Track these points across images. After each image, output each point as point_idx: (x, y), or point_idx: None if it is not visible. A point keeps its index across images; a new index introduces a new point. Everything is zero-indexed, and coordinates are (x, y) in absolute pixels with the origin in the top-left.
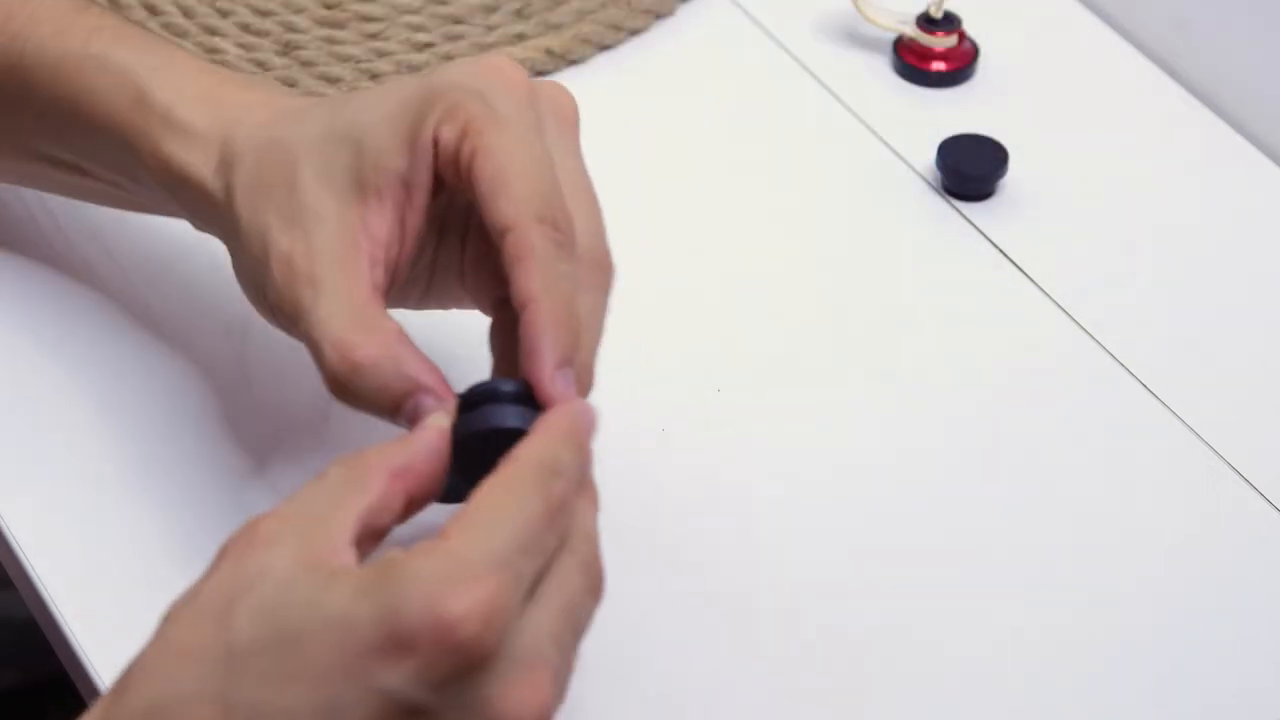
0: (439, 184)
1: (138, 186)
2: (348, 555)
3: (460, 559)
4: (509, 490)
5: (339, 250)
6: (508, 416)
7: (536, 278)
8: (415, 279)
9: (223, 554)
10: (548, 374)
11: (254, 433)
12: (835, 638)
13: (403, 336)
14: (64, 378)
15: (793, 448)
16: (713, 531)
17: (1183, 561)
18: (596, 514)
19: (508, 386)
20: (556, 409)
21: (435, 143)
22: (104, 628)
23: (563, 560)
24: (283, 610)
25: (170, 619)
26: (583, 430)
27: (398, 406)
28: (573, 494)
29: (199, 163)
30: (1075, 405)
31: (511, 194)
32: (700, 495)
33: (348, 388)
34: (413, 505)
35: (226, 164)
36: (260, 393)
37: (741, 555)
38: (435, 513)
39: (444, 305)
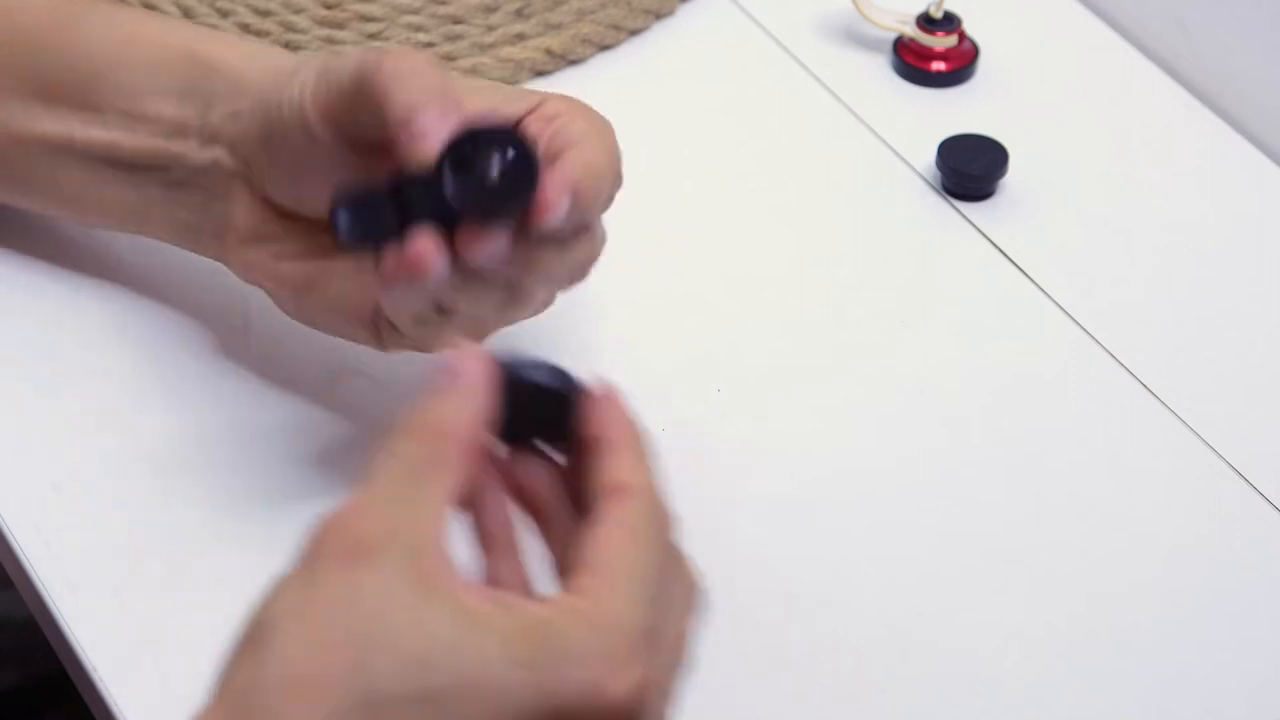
0: None
1: (165, 107)
2: (451, 566)
3: (613, 628)
4: (635, 539)
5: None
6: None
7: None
8: None
9: (319, 558)
10: None
11: (256, 430)
12: (836, 638)
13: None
14: (64, 377)
15: (793, 447)
16: (713, 532)
17: (1183, 561)
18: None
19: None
20: (614, 426)
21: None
22: (104, 628)
23: (674, 578)
24: (430, 663)
25: (282, 631)
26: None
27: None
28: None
29: (269, 55)
30: (1075, 405)
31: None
32: (700, 495)
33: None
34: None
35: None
36: (264, 389)
37: (741, 555)
38: None
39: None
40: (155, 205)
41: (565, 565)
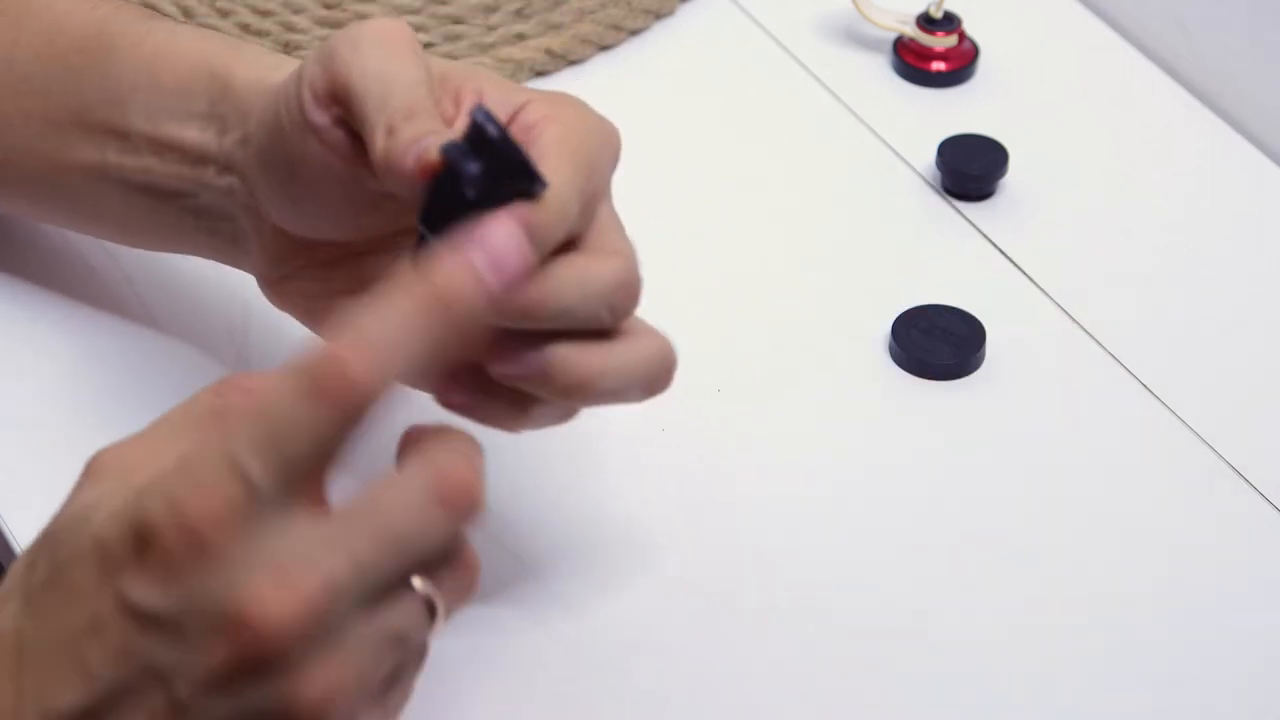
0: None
1: (187, 132)
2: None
3: (193, 462)
4: (278, 372)
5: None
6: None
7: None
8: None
9: (74, 486)
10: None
11: None
12: (836, 638)
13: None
14: (65, 377)
15: (793, 448)
16: (712, 531)
17: (1183, 562)
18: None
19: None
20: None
21: (519, 110)
22: None
23: (404, 464)
24: (62, 542)
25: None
26: (449, 288)
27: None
28: (378, 369)
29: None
30: (1074, 405)
31: (570, 149)
32: (700, 495)
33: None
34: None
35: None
36: None
37: (742, 555)
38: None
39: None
40: (192, 232)
41: None
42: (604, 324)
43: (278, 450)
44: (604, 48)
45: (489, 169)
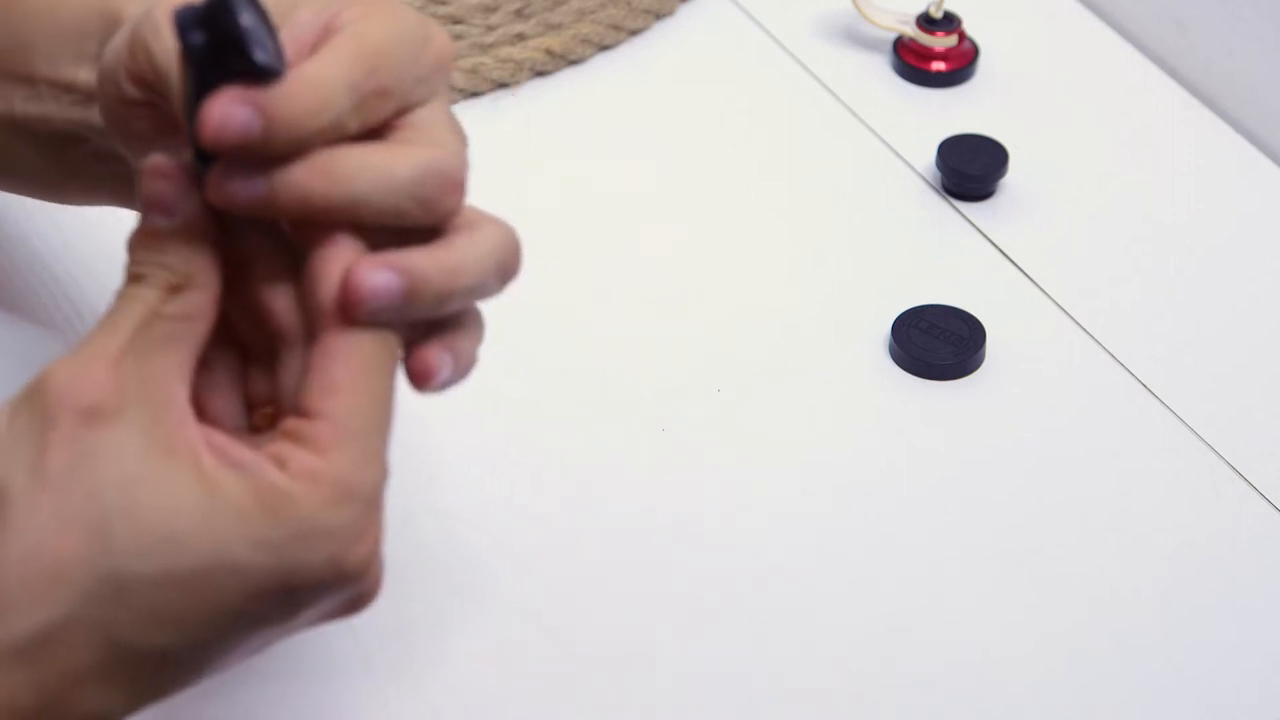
0: None
1: (87, 73)
2: (193, 423)
3: (353, 497)
4: (373, 384)
5: None
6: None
7: None
8: None
9: (47, 419)
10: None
11: None
12: (836, 638)
13: None
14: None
15: (793, 447)
16: (712, 531)
17: (1183, 562)
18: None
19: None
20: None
21: (332, 19)
22: None
23: None
24: (174, 541)
25: (19, 505)
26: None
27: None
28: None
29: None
30: (1074, 405)
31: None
32: (700, 495)
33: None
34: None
35: None
36: None
37: (742, 555)
38: None
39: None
40: (101, 180)
41: (289, 378)
42: (415, 218)
43: None
44: (604, 48)
45: (213, 40)
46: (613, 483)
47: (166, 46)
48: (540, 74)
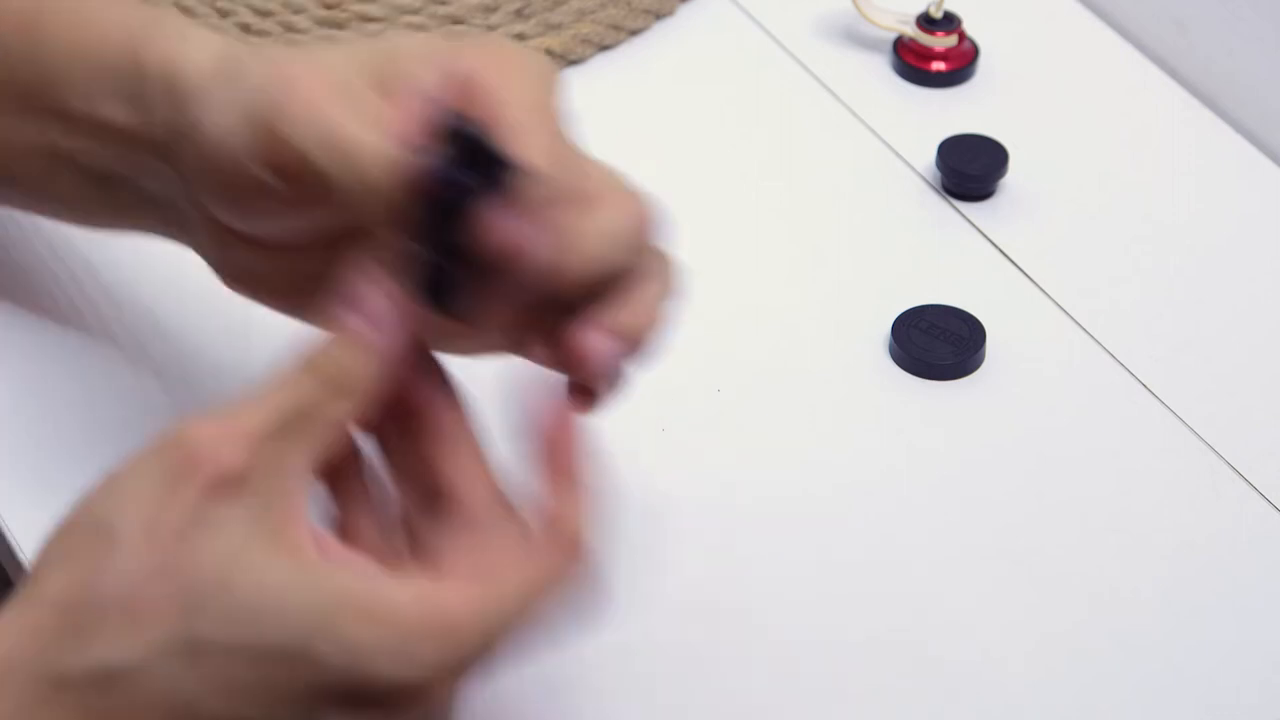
0: None
1: (119, 113)
2: (306, 532)
3: (457, 646)
4: (535, 590)
5: (365, 91)
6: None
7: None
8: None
9: (179, 478)
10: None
11: None
12: (836, 639)
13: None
14: (65, 378)
15: (793, 447)
16: (712, 531)
17: (1183, 562)
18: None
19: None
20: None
21: (460, 77)
22: None
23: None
24: (257, 621)
25: (126, 545)
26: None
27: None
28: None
29: (198, 57)
30: (1074, 405)
31: (536, 120)
32: (700, 495)
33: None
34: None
35: (232, 49)
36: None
37: (742, 555)
38: None
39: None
40: (144, 215)
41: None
42: (633, 266)
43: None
44: (604, 48)
45: (469, 170)
46: (613, 483)
47: (317, 134)
48: None
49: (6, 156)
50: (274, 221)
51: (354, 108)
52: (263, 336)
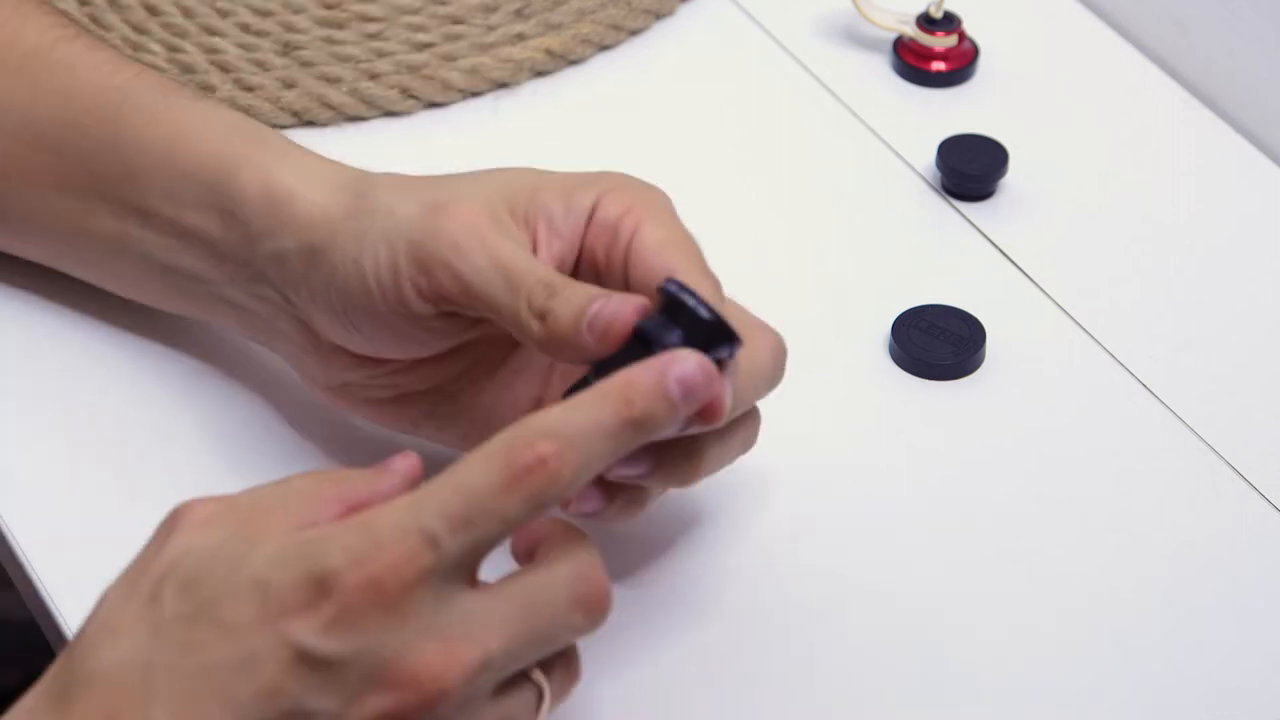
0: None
1: (204, 224)
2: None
3: (380, 525)
4: (478, 452)
5: (505, 218)
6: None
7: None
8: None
9: (165, 530)
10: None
11: (257, 434)
12: (837, 638)
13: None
14: (65, 378)
15: (793, 447)
16: (712, 531)
17: (1183, 562)
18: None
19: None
20: (641, 371)
21: (592, 211)
22: None
23: (552, 561)
24: (205, 579)
25: (106, 600)
26: (648, 398)
27: (584, 311)
28: (571, 466)
29: (311, 185)
30: (1074, 405)
31: (684, 253)
32: (700, 495)
33: (544, 308)
34: None
35: (360, 179)
36: (264, 393)
37: (741, 555)
38: None
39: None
40: (218, 314)
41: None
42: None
43: (471, 529)
44: (604, 48)
45: (691, 340)
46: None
47: (474, 262)
48: (540, 74)
49: (76, 234)
50: (398, 345)
51: (515, 239)
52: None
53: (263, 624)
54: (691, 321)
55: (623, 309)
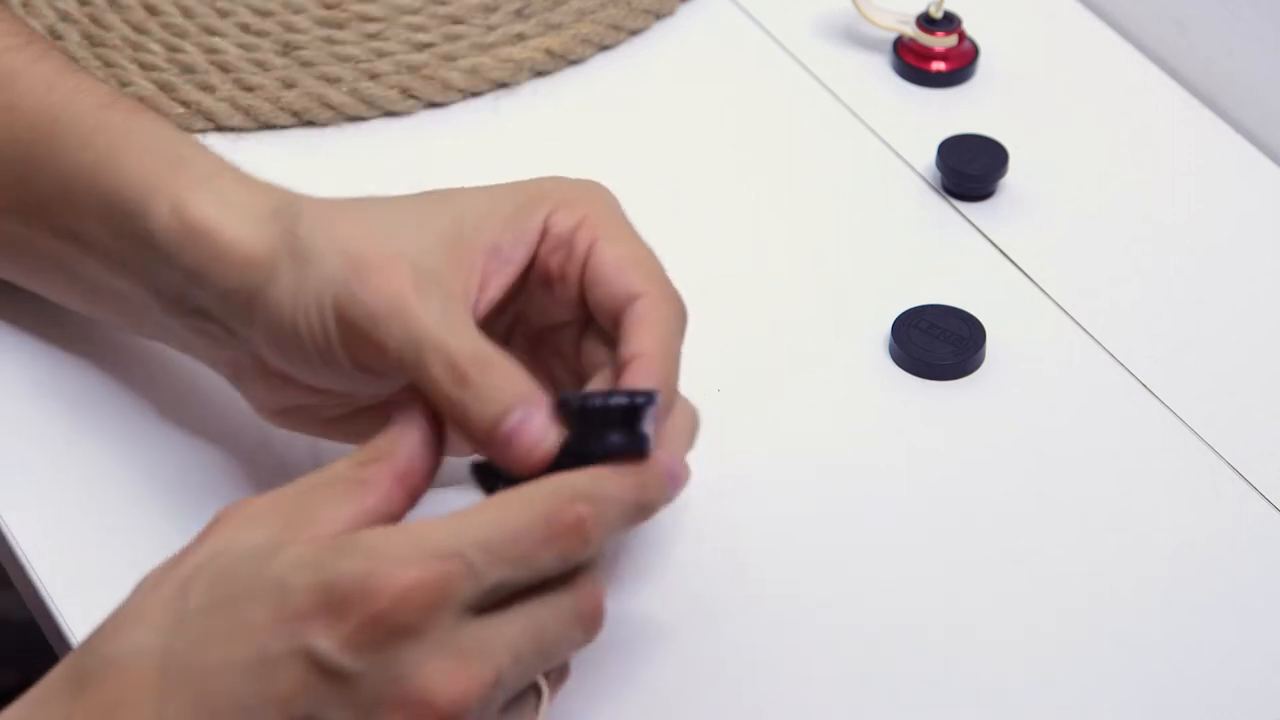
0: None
1: (131, 253)
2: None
3: (415, 539)
4: (519, 496)
5: (441, 268)
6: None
7: (657, 338)
8: None
9: (210, 527)
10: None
11: (257, 435)
12: (837, 638)
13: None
14: (65, 379)
15: (793, 448)
16: (712, 531)
17: (1183, 562)
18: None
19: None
20: (653, 460)
21: (544, 230)
22: None
23: (557, 589)
24: (231, 577)
25: (139, 588)
26: (657, 485)
27: (499, 421)
28: (599, 531)
29: (233, 216)
30: (1074, 405)
31: (643, 271)
32: (699, 496)
33: (455, 398)
34: (414, 499)
35: (284, 213)
36: None
37: (741, 555)
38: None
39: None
40: (169, 341)
41: None
42: None
43: (504, 568)
44: (604, 48)
45: (615, 429)
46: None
47: (396, 343)
48: (540, 74)
49: (26, 258)
50: (349, 384)
51: (444, 297)
52: None
53: (278, 626)
54: (606, 416)
55: (545, 437)
